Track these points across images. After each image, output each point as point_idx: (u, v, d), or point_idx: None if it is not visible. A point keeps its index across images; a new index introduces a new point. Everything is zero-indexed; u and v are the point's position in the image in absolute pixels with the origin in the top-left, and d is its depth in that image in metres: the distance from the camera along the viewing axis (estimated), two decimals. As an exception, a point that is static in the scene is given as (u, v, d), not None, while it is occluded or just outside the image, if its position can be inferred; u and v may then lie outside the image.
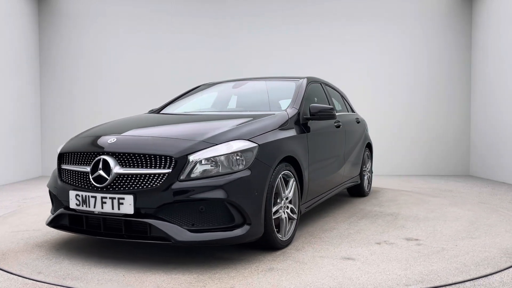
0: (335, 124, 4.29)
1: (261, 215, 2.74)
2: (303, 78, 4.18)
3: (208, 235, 2.56)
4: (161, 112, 4.16)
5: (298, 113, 3.56)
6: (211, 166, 2.64)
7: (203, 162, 2.62)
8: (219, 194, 2.56)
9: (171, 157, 2.61)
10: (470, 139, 8.15)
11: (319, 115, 3.63)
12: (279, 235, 2.98)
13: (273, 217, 2.90)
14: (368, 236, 3.44)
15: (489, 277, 2.50)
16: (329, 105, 4.42)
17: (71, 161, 2.94)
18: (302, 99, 3.74)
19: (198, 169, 2.61)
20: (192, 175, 2.59)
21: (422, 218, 4.10)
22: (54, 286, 2.37)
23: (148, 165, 2.63)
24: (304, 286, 2.35)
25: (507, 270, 2.63)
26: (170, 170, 2.57)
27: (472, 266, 2.66)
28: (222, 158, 2.65)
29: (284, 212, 3.07)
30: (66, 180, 2.92)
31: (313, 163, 3.60)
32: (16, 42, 7.18)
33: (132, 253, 2.96)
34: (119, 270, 2.62)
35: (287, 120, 3.36)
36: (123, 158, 2.68)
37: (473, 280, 2.44)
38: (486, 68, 7.56)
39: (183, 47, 8.08)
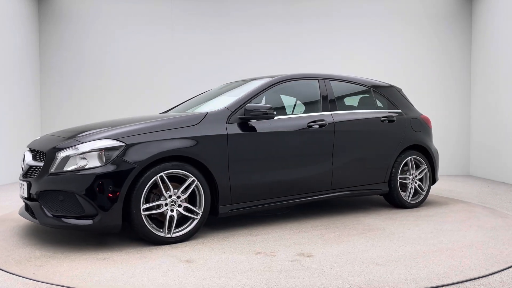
0: (316, 123, 3.94)
1: (116, 210, 2.98)
2: (274, 77, 4.03)
3: (65, 220, 3.01)
4: (169, 111, 4.53)
5: (231, 114, 3.54)
6: (78, 162, 3.02)
7: (70, 158, 3.04)
8: (70, 187, 2.98)
9: (43, 153, 3.19)
10: (470, 139, 8.15)
11: (253, 115, 3.53)
12: (158, 231, 3.15)
13: (148, 213, 3.10)
14: (275, 245, 3.17)
15: (489, 277, 2.50)
16: (321, 104, 4.14)
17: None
18: (249, 99, 3.68)
19: (68, 164, 3.04)
20: (64, 169, 3.03)
21: (397, 237, 3.37)
22: (54, 286, 2.37)
23: (40, 159, 3.25)
24: (84, 272, 2.58)
25: (507, 270, 2.63)
26: (42, 164, 3.13)
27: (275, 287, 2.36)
28: (86, 155, 3.03)
29: (172, 210, 3.20)
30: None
31: (242, 165, 3.51)
32: (16, 43, 7.17)
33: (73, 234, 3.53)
34: (25, 242, 3.30)
35: (200, 120, 3.41)
36: (34, 153, 3.41)
37: (473, 280, 2.44)
38: (486, 68, 7.56)
39: (184, 47, 8.07)
